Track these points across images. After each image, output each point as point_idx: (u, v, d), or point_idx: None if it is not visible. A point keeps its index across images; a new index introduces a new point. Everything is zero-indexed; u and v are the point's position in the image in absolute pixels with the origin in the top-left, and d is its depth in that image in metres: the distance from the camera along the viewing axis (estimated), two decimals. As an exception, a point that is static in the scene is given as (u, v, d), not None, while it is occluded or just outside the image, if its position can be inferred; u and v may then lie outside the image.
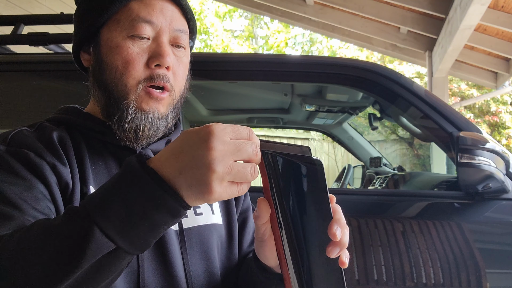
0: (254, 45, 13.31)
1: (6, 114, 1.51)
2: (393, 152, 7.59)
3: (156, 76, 0.64)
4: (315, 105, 2.29)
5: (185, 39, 0.69)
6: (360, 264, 1.17)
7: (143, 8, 0.64)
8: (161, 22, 0.65)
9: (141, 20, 0.64)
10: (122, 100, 0.65)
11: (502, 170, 1.20)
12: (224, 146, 0.43)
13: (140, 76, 0.64)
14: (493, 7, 3.56)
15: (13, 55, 1.49)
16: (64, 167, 0.61)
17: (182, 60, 0.69)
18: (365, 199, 1.32)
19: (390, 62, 9.06)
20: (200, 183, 0.43)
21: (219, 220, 0.74)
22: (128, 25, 0.64)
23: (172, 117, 0.69)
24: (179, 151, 0.44)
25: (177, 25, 0.67)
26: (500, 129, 7.58)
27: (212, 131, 0.43)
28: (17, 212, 0.53)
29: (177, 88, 0.69)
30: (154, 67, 0.64)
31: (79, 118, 0.69)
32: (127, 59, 0.64)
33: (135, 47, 0.64)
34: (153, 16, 0.65)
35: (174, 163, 0.44)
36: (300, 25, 5.35)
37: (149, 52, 0.65)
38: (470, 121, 1.34)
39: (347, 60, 1.48)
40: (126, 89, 0.64)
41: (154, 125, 0.65)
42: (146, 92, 0.65)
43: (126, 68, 0.64)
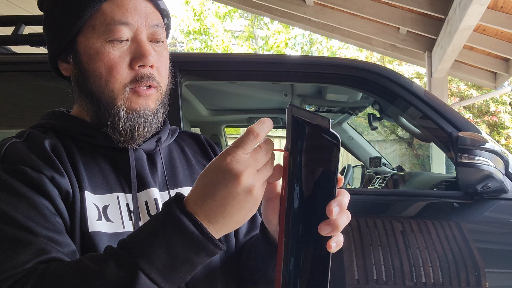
0: (254, 46, 13.32)
1: (6, 114, 1.51)
2: (393, 152, 7.60)
3: (142, 76, 0.64)
4: (315, 105, 2.30)
5: (162, 33, 0.68)
6: (360, 264, 1.17)
7: (116, 10, 0.63)
8: (137, 21, 0.64)
9: (117, 23, 0.62)
10: (111, 106, 0.64)
11: (501, 170, 1.21)
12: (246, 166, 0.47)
13: (126, 79, 0.64)
14: (492, 7, 3.56)
15: (14, 56, 1.49)
16: (61, 177, 0.61)
17: (163, 54, 0.68)
18: (364, 199, 1.32)
19: (390, 62, 9.07)
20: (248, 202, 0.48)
21: None
22: (104, 29, 0.63)
23: (162, 112, 0.69)
24: (213, 191, 0.47)
25: (152, 20, 0.66)
26: (499, 129, 7.59)
27: (227, 160, 0.47)
28: (31, 235, 0.53)
29: (163, 83, 0.68)
30: (138, 68, 0.64)
31: (68, 123, 0.68)
32: (110, 64, 0.63)
33: (115, 51, 0.63)
34: (128, 17, 0.63)
35: (214, 204, 0.48)
36: (300, 25, 5.36)
37: (130, 53, 0.64)
38: (469, 121, 1.34)
39: (347, 60, 1.49)
40: (114, 94, 0.64)
41: (148, 122, 0.65)
42: (133, 93, 0.64)
43: (110, 73, 0.63)
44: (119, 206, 0.64)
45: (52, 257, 0.53)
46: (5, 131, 1.64)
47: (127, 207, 0.65)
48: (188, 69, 1.39)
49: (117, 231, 0.62)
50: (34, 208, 0.56)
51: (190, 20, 13.16)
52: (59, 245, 0.55)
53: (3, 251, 0.52)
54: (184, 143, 0.81)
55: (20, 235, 0.53)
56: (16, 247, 0.52)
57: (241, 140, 0.48)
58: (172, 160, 0.75)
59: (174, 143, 0.79)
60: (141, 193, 0.67)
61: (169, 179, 0.72)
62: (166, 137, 0.75)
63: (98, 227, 0.61)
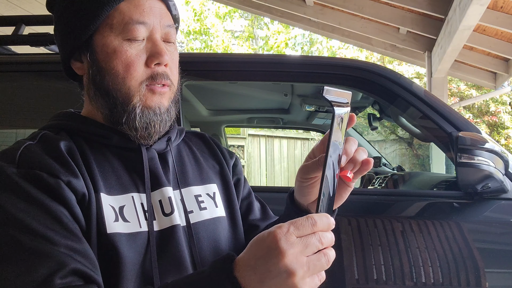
0: (254, 46, 13.31)
1: (6, 114, 1.51)
2: (393, 152, 7.60)
3: (157, 74, 0.66)
4: (315, 105, 2.30)
5: (174, 33, 0.70)
6: (359, 264, 1.17)
7: (133, 10, 0.64)
8: (152, 21, 0.66)
9: (135, 22, 0.64)
10: (128, 103, 0.66)
11: (501, 170, 1.21)
12: (293, 248, 0.45)
13: (142, 76, 0.65)
14: (492, 7, 3.56)
15: (14, 56, 1.49)
16: (77, 180, 0.61)
17: (174, 54, 0.71)
18: (364, 199, 1.32)
19: (390, 62, 9.07)
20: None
21: (222, 213, 0.75)
22: (122, 28, 0.64)
23: (174, 110, 0.71)
24: (255, 263, 0.47)
25: (166, 21, 0.68)
26: (499, 129, 7.58)
27: (276, 236, 0.45)
28: (50, 245, 0.53)
29: (175, 82, 0.71)
30: (153, 66, 0.66)
31: (80, 123, 0.69)
32: (127, 62, 0.64)
33: (132, 49, 0.65)
34: (145, 17, 0.65)
35: (254, 276, 0.46)
36: (300, 25, 5.35)
37: (146, 52, 0.66)
38: (469, 121, 1.34)
39: (347, 60, 1.49)
40: (130, 91, 0.65)
41: (163, 119, 0.67)
42: (149, 90, 0.66)
43: (127, 71, 0.65)
44: (134, 206, 0.65)
45: (72, 269, 0.53)
46: (5, 131, 1.65)
47: (142, 207, 0.65)
48: (188, 69, 1.39)
49: (134, 231, 0.63)
50: (52, 216, 0.55)
51: (190, 20, 13.16)
52: (78, 254, 0.55)
53: (21, 264, 0.51)
54: (191, 143, 0.83)
55: (38, 246, 0.52)
56: (35, 259, 0.51)
57: (298, 221, 0.47)
58: (182, 160, 0.77)
59: (182, 142, 0.81)
60: (155, 192, 0.68)
61: (180, 177, 0.73)
62: (175, 137, 0.76)
63: (116, 228, 0.61)
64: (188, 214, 0.69)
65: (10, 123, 1.56)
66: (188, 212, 0.70)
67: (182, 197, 0.70)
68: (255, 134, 7.11)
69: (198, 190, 0.74)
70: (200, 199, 0.73)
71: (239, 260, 0.49)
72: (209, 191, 0.75)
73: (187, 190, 0.73)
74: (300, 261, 0.45)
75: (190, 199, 0.72)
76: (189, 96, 2.25)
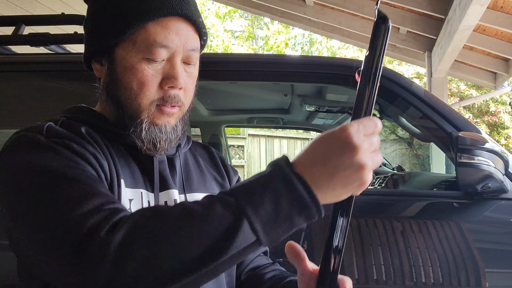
0: (254, 46, 13.31)
1: (6, 114, 1.51)
2: (393, 152, 7.60)
3: (169, 97, 0.67)
4: (315, 105, 2.29)
5: (197, 56, 0.70)
6: (359, 264, 1.17)
7: (159, 32, 0.64)
8: (176, 44, 0.66)
9: (158, 45, 0.64)
10: (135, 118, 0.67)
11: (501, 170, 1.21)
12: (363, 144, 0.48)
13: (154, 96, 0.66)
14: (492, 7, 3.56)
15: (14, 56, 1.49)
16: (103, 159, 0.63)
17: (193, 75, 0.71)
18: (364, 199, 1.32)
19: (390, 62, 9.07)
20: (355, 181, 0.48)
21: None
22: (144, 48, 0.65)
23: (181, 126, 0.72)
24: (325, 158, 0.48)
25: (191, 45, 0.68)
26: (499, 129, 7.59)
27: (350, 133, 0.48)
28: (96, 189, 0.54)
29: (187, 101, 0.71)
30: (167, 88, 0.66)
31: (96, 119, 0.71)
32: (142, 80, 0.65)
33: (150, 69, 0.65)
34: (169, 40, 0.65)
35: (323, 170, 0.48)
36: (300, 25, 5.36)
37: (162, 73, 0.66)
38: (469, 121, 1.34)
39: (347, 60, 1.49)
40: (140, 108, 0.67)
41: (168, 138, 0.69)
42: (158, 110, 0.67)
43: (141, 89, 0.66)
44: (141, 202, 0.67)
45: (117, 206, 0.53)
46: (5, 131, 1.64)
47: (149, 205, 0.68)
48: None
49: None
50: (88, 172, 0.58)
51: (190, 20, 13.12)
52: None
53: (71, 201, 0.51)
54: (196, 153, 0.85)
55: (86, 189, 0.53)
56: (86, 197, 0.52)
57: (363, 121, 0.49)
58: (188, 166, 0.79)
59: (189, 151, 0.83)
60: (162, 193, 0.70)
61: (186, 183, 0.75)
62: (184, 144, 0.79)
63: None
64: None
65: (9, 123, 1.56)
66: None
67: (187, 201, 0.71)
68: (255, 134, 7.11)
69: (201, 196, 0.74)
70: None
71: (300, 159, 0.50)
72: None
73: (192, 195, 0.75)
74: (368, 156, 0.48)
75: None
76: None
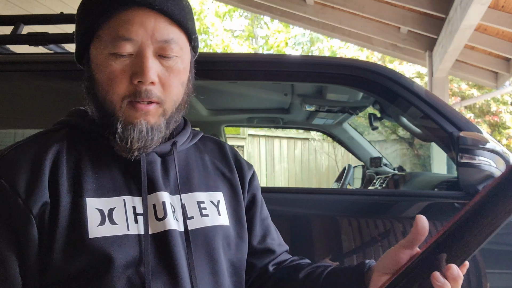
0: (254, 45, 13.31)
1: (6, 114, 1.51)
2: (394, 152, 7.59)
3: (140, 92, 0.64)
4: (315, 105, 2.29)
5: (174, 47, 0.66)
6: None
7: (121, 25, 0.63)
8: (141, 37, 0.63)
9: (121, 39, 0.63)
10: (111, 115, 0.66)
11: (503, 170, 1.20)
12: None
13: (124, 92, 0.65)
14: (493, 7, 3.55)
15: (13, 55, 1.49)
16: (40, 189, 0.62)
17: (174, 68, 0.67)
18: (365, 199, 1.32)
19: (390, 62, 9.05)
20: None
21: (225, 222, 0.74)
22: (109, 43, 0.64)
23: (166, 126, 0.68)
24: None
25: (161, 35, 0.64)
26: (500, 129, 7.57)
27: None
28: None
29: (169, 98, 0.67)
30: (137, 83, 0.64)
31: (85, 122, 0.70)
32: (110, 76, 0.64)
33: (117, 64, 0.64)
34: (131, 33, 0.63)
35: None
36: (300, 25, 5.35)
37: (132, 68, 0.64)
38: (470, 121, 1.33)
39: (347, 60, 1.48)
40: (112, 105, 0.65)
41: (142, 137, 0.65)
42: (131, 106, 0.65)
43: (110, 85, 0.65)
44: (125, 209, 0.65)
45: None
46: (5, 131, 1.64)
47: (133, 210, 0.65)
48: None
49: (121, 234, 0.63)
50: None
51: (190, 20, 13.13)
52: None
53: None
54: (204, 148, 0.81)
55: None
56: None
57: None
58: (188, 164, 0.75)
59: (194, 147, 0.79)
60: (150, 196, 0.67)
61: (183, 183, 0.72)
62: (184, 140, 0.75)
63: (100, 232, 0.62)
64: (186, 220, 0.68)
65: (8, 123, 1.56)
66: (188, 218, 0.69)
67: (183, 202, 0.70)
68: (255, 134, 7.11)
69: (202, 196, 0.73)
70: (203, 206, 0.72)
71: None
72: (213, 198, 0.74)
73: (190, 195, 0.72)
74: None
75: (192, 205, 0.71)
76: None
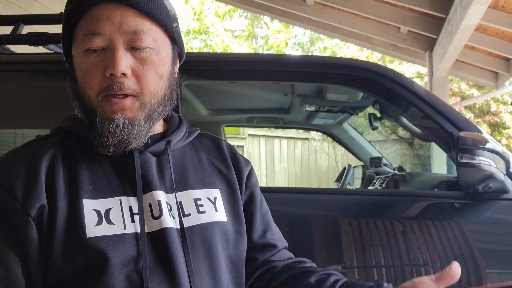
0: (254, 45, 13.30)
1: (5, 114, 1.51)
2: (393, 152, 7.59)
3: (111, 86, 0.65)
4: (315, 105, 2.29)
5: (145, 38, 0.66)
6: (360, 264, 1.17)
7: (90, 22, 0.66)
8: (108, 30, 0.65)
9: (90, 34, 0.65)
10: (90, 111, 0.68)
11: (503, 170, 1.20)
12: None
13: (99, 86, 0.66)
14: (493, 7, 3.55)
15: (13, 55, 1.49)
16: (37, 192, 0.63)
17: (147, 60, 0.67)
18: (365, 199, 1.32)
19: (390, 62, 9.05)
20: None
21: (223, 218, 0.74)
22: (81, 40, 0.66)
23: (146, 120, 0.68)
24: None
25: (128, 27, 0.65)
26: (500, 129, 7.57)
27: None
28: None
29: (146, 90, 0.67)
30: (109, 76, 0.65)
31: (78, 126, 0.72)
32: (85, 72, 0.67)
33: (90, 59, 0.66)
34: (99, 27, 0.65)
35: None
36: (300, 25, 5.35)
37: (104, 61, 0.65)
38: (470, 121, 1.33)
39: (347, 60, 1.48)
40: (90, 100, 0.67)
41: (118, 131, 0.65)
42: (107, 101, 0.66)
43: (85, 81, 0.67)
44: (121, 209, 0.66)
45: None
46: (5, 131, 1.64)
47: (130, 210, 0.66)
48: (187, 69, 1.39)
49: (118, 233, 0.64)
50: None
51: (190, 19, 13.14)
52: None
53: None
54: (201, 146, 0.82)
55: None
56: None
57: None
58: (184, 162, 0.76)
59: (190, 144, 0.80)
60: (145, 196, 0.68)
61: (179, 181, 0.73)
62: (179, 139, 0.76)
63: (98, 232, 0.63)
64: (182, 217, 0.69)
65: (9, 123, 1.56)
66: (185, 216, 0.70)
67: (179, 200, 0.71)
68: (255, 134, 7.11)
69: (198, 193, 0.74)
70: (200, 203, 0.73)
71: None
72: (210, 195, 0.75)
73: (186, 193, 0.73)
74: None
75: (189, 202, 0.72)
76: (188, 95, 2.24)
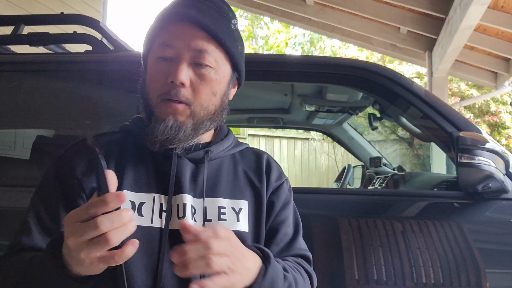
0: (254, 45, 13.31)
1: (6, 114, 1.51)
2: (393, 152, 7.60)
3: (170, 90, 0.74)
4: (315, 105, 2.29)
5: (207, 58, 0.75)
6: (360, 264, 1.17)
7: (167, 35, 0.76)
8: (179, 44, 0.74)
9: (164, 45, 0.75)
10: (150, 111, 0.77)
11: (502, 170, 1.20)
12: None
13: (160, 90, 0.75)
14: (493, 7, 3.56)
15: (13, 55, 1.49)
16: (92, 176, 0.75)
17: (206, 77, 0.76)
18: (365, 199, 1.32)
19: (390, 62, 9.06)
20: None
21: (244, 228, 0.78)
22: (156, 49, 0.76)
23: (193, 129, 0.76)
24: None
25: (195, 45, 0.74)
26: (499, 129, 7.57)
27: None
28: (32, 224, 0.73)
29: (198, 102, 0.76)
30: (170, 82, 0.74)
31: (135, 127, 0.82)
32: (153, 76, 0.77)
33: (160, 66, 0.75)
34: (172, 40, 0.75)
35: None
36: (300, 25, 5.35)
37: (169, 70, 0.74)
38: (470, 121, 1.34)
39: (347, 60, 1.48)
40: (151, 101, 0.77)
41: (167, 131, 0.74)
42: (163, 102, 0.75)
43: (151, 83, 0.77)
44: (153, 204, 0.75)
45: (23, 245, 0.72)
46: (5, 131, 1.64)
47: (160, 207, 0.75)
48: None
49: (144, 225, 0.73)
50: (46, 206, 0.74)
51: (190, 20, 13.12)
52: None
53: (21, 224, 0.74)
54: (242, 159, 0.88)
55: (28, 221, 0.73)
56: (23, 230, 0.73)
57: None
58: (219, 172, 0.83)
59: (230, 156, 0.87)
60: (175, 197, 0.76)
61: (209, 188, 0.80)
62: (220, 150, 0.84)
63: None
64: (205, 222, 0.76)
65: (9, 123, 1.56)
66: (207, 220, 0.77)
67: (204, 206, 0.77)
68: (255, 134, 7.11)
69: (224, 202, 0.79)
70: (223, 211, 0.78)
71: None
72: (235, 205, 0.80)
73: (212, 200, 0.78)
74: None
75: (212, 208, 0.78)
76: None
